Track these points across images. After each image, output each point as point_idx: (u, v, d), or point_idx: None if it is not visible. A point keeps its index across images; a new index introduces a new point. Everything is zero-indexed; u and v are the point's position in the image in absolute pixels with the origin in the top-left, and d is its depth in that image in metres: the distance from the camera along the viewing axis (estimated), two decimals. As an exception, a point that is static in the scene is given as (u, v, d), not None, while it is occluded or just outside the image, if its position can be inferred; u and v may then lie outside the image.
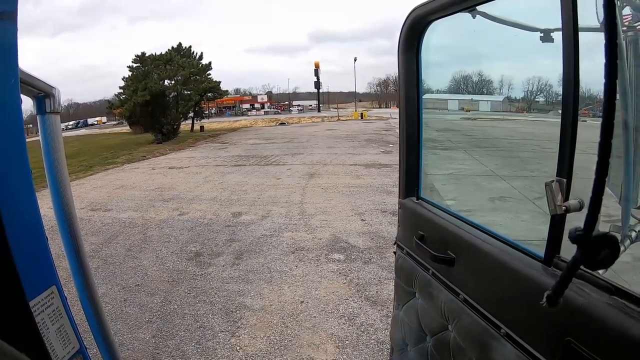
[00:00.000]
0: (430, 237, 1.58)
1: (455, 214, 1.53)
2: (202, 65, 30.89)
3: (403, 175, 1.82)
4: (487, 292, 1.28)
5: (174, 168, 14.21)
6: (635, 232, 1.47)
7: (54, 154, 0.90)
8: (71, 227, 0.93)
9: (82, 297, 0.96)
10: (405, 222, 1.84)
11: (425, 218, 1.63)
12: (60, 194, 0.92)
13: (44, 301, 0.76)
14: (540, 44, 1.39)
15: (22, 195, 0.72)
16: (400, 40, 1.68)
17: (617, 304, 0.85)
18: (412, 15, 1.56)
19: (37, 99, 0.88)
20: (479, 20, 1.41)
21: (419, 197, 1.79)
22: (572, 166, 0.94)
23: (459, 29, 1.69)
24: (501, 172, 6.81)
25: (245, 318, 3.89)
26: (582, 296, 0.90)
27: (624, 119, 1.46)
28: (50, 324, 0.77)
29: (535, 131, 7.45)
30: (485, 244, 1.27)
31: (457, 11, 1.39)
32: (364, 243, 5.68)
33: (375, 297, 4.14)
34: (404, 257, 1.80)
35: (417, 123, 1.74)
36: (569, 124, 0.98)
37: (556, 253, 1.04)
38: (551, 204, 0.88)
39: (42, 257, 0.77)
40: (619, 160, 1.51)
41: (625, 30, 1.51)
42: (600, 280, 0.90)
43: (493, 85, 7.00)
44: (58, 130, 0.91)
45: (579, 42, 0.94)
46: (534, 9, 1.52)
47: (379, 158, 13.67)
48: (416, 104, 1.71)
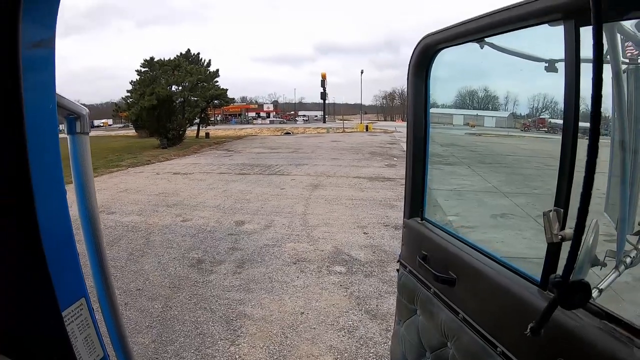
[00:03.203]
0: (433, 257, 1.64)
1: (457, 236, 1.59)
2: (209, 72, 31.17)
3: (408, 195, 1.88)
4: (485, 312, 1.33)
5: (179, 174, 14.29)
6: (630, 257, 1.52)
7: (83, 173, 0.95)
8: (98, 245, 0.98)
9: (105, 310, 1.02)
10: (409, 241, 1.90)
11: (429, 239, 1.68)
12: (89, 212, 0.97)
13: (74, 312, 0.82)
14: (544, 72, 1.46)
15: (59, 213, 0.77)
16: (410, 65, 1.75)
17: (607, 329, 0.91)
18: (422, 43, 1.63)
19: (68, 120, 0.94)
20: (486, 48, 1.49)
21: (423, 218, 1.85)
22: (569, 197, 1.00)
23: (466, 56, 1.76)
24: (504, 188, 6.84)
25: (245, 327, 3.92)
26: (574, 320, 0.95)
27: (621, 142, 1.52)
28: (79, 333, 0.83)
29: (538, 148, 7.49)
30: (485, 267, 1.33)
31: (465, 42, 1.46)
32: (365, 256, 5.72)
33: (376, 310, 4.16)
34: (406, 275, 1.86)
35: (424, 146, 1.80)
36: (567, 156, 1.04)
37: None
38: (548, 233, 0.93)
39: (74, 270, 0.82)
40: (617, 187, 1.57)
41: (627, 62, 1.58)
42: (592, 306, 0.96)
43: (498, 101, 7.05)
44: (87, 150, 0.96)
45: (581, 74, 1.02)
46: (539, 41, 1.59)
47: (383, 171, 13.73)
48: (423, 128, 1.78)
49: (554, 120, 7.84)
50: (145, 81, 28.03)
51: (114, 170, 15.67)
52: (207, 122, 35.07)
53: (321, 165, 15.71)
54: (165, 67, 29.14)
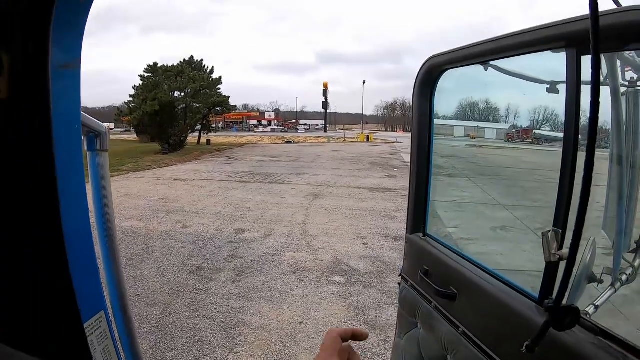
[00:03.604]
0: (435, 272, 1.68)
1: (459, 252, 1.63)
2: (212, 80, 31.35)
3: (411, 212, 1.93)
4: (485, 327, 1.37)
5: (179, 180, 14.33)
6: (626, 275, 1.56)
7: (102, 189, 0.99)
8: (114, 259, 1.03)
9: (120, 324, 1.06)
10: (411, 256, 1.94)
11: (431, 254, 1.73)
12: (107, 226, 1.01)
13: (94, 324, 0.85)
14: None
15: (81, 228, 0.80)
16: (415, 84, 1.80)
17: (601, 344, 0.95)
18: (428, 64, 1.69)
19: (89, 137, 0.97)
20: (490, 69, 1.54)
21: (425, 234, 1.90)
22: (567, 218, 1.05)
23: (470, 72, 1.81)
24: (504, 201, 6.88)
25: (244, 335, 3.93)
26: (571, 336, 0.99)
27: (619, 158, 1.57)
28: (98, 344, 0.86)
29: (538, 160, 7.54)
30: (485, 283, 1.37)
31: (470, 64, 1.51)
32: (365, 267, 5.74)
33: (374, 321, 4.18)
34: (408, 289, 1.89)
35: (427, 164, 1.85)
36: (567, 177, 1.08)
37: (549, 295, 1.13)
38: (546, 252, 0.98)
39: (95, 285, 0.86)
40: (614, 204, 1.61)
41: (627, 85, 1.64)
42: (587, 322, 1.00)
43: (499, 114, 7.13)
44: (106, 167, 1.00)
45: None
46: (541, 62, 1.64)
47: (384, 182, 13.78)
48: (427, 145, 1.83)
49: (539, 131, 7.89)
50: (148, 86, 28.17)
51: (114, 174, 15.69)
52: (209, 129, 35.19)
53: (322, 174, 15.76)
54: (169, 73, 29.34)
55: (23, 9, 0.52)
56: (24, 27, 0.52)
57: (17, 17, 0.51)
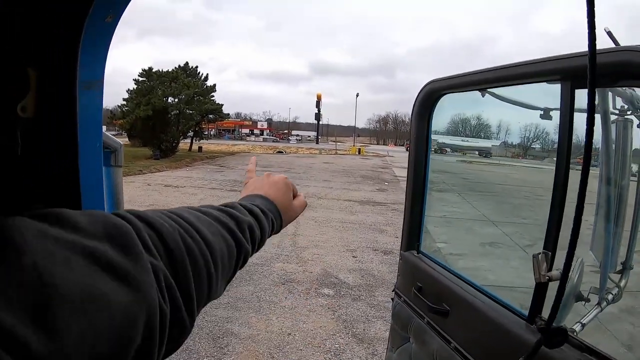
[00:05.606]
0: (428, 289, 1.72)
1: (451, 270, 1.69)
2: (206, 87, 31.33)
3: (406, 230, 1.98)
4: (476, 343, 1.42)
5: (170, 186, 14.26)
6: (612, 294, 1.62)
7: (116, 203, 1.03)
8: None
9: None
10: (405, 272, 1.98)
11: (424, 271, 1.78)
12: None
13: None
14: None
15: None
16: (414, 107, 1.87)
17: None
18: (426, 88, 1.76)
19: (104, 153, 1.01)
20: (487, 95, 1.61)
21: (419, 251, 1.95)
22: (557, 241, 1.10)
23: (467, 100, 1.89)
24: (493, 217, 6.97)
25: (231, 345, 3.91)
26: (559, 352, 1.04)
27: (607, 183, 1.64)
28: None
29: (529, 178, 7.66)
30: (476, 300, 1.42)
31: (468, 90, 1.58)
32: (354, 280, 5.75)
33: (362, 334, 4.19)
34: (401, 305, 1.94)
35: (423, 182, 1.91)
36: (557, 201, 1.14)
37: (538, 313, 1.18)
38: (536, 273, 1.03)
39: None
40: (602, 225, 1.67)
41: (617, 114, 1.72)
42: (574, 340, 1.05)
43: (491, 130, 7.27)
44: (120, 181, 1.04)
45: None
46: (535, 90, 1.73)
47: (374, 195, 13.85)
48: (424, 166, 1.88)
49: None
50: (142, 91, 28.10)
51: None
52: (201, 136, 35.10)
53: (313, 186, 15.78)
54: (163, 79, 29.25)
55: (54, 27, 0.53)
56: (54, 45, 0.53)
57: (48, 35, 0.52)
